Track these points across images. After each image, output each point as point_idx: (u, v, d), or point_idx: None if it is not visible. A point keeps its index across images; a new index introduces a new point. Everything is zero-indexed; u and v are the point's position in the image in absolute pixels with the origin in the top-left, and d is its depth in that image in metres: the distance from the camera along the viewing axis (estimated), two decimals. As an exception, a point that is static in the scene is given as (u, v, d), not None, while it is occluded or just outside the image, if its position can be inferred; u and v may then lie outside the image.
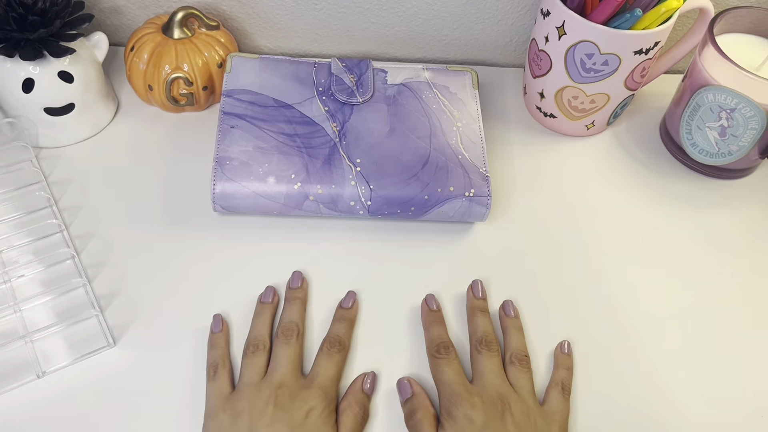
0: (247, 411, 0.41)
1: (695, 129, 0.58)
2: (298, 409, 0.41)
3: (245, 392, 0.43)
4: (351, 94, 0.56)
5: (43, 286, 0.49)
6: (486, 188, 0.52)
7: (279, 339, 0.46)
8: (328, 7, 0.65)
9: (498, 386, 0.44)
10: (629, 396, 0.47)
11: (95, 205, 0.54)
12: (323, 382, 0.44)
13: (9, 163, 0.55)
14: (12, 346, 0.45)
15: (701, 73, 0.56)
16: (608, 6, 0.52)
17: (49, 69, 0.53)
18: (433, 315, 0.49)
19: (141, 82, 0.59)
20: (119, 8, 0.65)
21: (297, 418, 0.41)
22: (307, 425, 0.41)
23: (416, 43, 0.69)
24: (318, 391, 0.43)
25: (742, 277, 0.54)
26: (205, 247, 0.52)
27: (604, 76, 0.56)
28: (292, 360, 0.45)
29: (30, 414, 0.43)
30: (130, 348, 0.46)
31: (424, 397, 0.44)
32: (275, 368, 0.44)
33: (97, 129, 0.59)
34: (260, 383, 0.43)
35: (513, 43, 0.69)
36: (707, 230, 0.57)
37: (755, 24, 0.59)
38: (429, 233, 0.55)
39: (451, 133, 0.55)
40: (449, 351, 0.46)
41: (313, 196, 0.51)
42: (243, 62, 0.58)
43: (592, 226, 0.57)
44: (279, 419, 0.41)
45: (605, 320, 0.50)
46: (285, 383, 0.43)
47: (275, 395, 0.42)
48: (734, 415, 0.46)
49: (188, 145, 0.59)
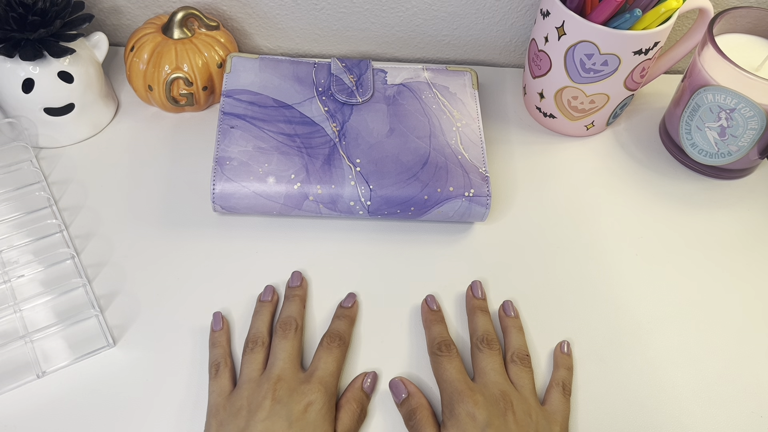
0: (246, 406, 0.41)
1: (695, 129, 0.58)
2: (297, 402, 0.41)
3: (245, 389, 0.43)
4: (351, 95, 0.57)
5: (43, 286, 0.49)
6: (485, 188, 0.52)
7: (277, 334, 0.46)
8: (328, 7, 0.65)
9: (500, 384, 0.44)
10: (629, 396, 0.47)
11: (95, 205, 0.54)
12: (323, 376, 0.44)
13: (9, 163, 0.56)
14: (12, 346, 0.45)
15: (701, 74, 0.56)
16: (608, 6, 0.52)
17: (49, 69, 0.53)
18: (434, 314, 0.49)
19: (141, 82, 0.59)
20: (119, 8, 0.65)
21: (295, 412, 0.41)
22: (306, 419, 0.41)
23: (416, 43, 0.69)
24: (317, 386, 0.43)
25: (741, 276, 0.54)
26: (205, 247, 0.52)
27: (604, 77, 0.56)
28: (290, 354, 0.44)
29: (30, 414, 0.43)
30: (130, 348, 0.46)
31: (421, 396, 0.44)
32: (274, 362, 0.44)
33: (97, 129, 0.59)
34: (259, 378, 0.43)
35: (513, 43, 0.69)
36: (707, 230, 0.57)
37: (755, 24, 0.59)
38: (429, 233, 0.55)
39: (451, 133, 0.55)
40: (450, 348, 0.46)
41: (313, 196, 0.51)
42: (243, 62, 0.58)
43: (591, 226, 0.57)
44: (277, 413, 0.41)
45: (605, 320, 0.51)
46: (283, 377, 0.43)
47: (273, 389, 0.42)
48: (734, 415, 0.46)
49: (188, 145, 0.59)
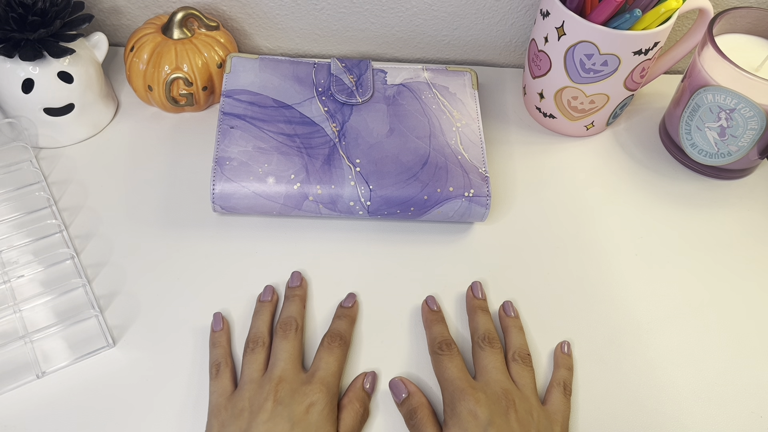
0: (248, 408, 0.41)
1: (695, 129, 0.58)
2: (299, 403, 0.41)
3: (246, 390, 0.43)
4: (350, 95, 0.56)
5: (43, 286, 0.49)
6: (485, 188, 0.52)
7: (278, 334, 0.46)
8: (328, 8, 0.65)
9: (502, 382, 0.43)
10: (629, 396, 0.47)
11: (95, 205, 0.54)
12: (324, 376, 0.43)
13: (9, 163, 0.56)
14: (12, 346, 0.45)
15: (701, 74, 0.56)
16: (608, 6, 0.52)
17: (49, 69, 0.53)
18: (434, 314, 0.49)
19: (141, 82, 0.59)
20: (119, 8, 0.65)
21: (297, 413, 0.41)
22: (308, 420, 0.41)
23: (416, 43, 0.69)
24: (319, 386, 0.43)
25: (741, 276, 0.54)
26: (205, 247, 0.52)
27: (604, 77, 0.56)
28: (291, 354, 0.44)
29: (30, 414, 0.43)
30: (130, 348, 0.46)
31: (421, 395, 0.44)
32: (275, 363, 0.44)
33: (97, 129, 0.59)
34: (261, 379, 0.43)
35: (513, 44, 0.69)
36: (706, 230, 0.57)
37: (755, 24, 0.59)
38: (429, 233, 0.55)
39: (451, 134, 0.55)
40: (451, 347, 0.46)
41: (313, 197, 0.51)
42: (243, 62, 0.58)
43: (591, 226, 0.57)
44: (279, 414, 0.41)
45: (605, 320, 0.51)
46: (285, 378, 0.43)
47: (275, 390, 0.42)
48: (734, 415, 0.46)
49: (188, 145, 0.59)
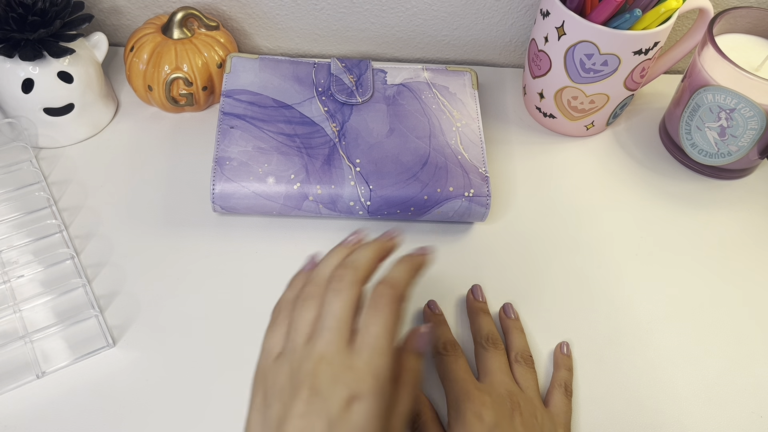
0: (288, 387, 0.33)
1: (695, 129, 0.58)
2: (338, 394, 0.32)
3: (287, 359, 0.34)
4: (350, 95, 0.56)
5: (43, 286, 0.49)
6: (485, 188, 0.52)
7: (331, 283, 0.36)
8: (328, 7, 0.65)
9: (507, 384, 0.43)
10: (629, 396, 0.47)
11: (95, 205, 0.54)
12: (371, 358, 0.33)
13: (9, 163, 0.55)
14: (12, 346, 0.45)
15: (701, 74, 0.56)
16: (608, 6, 0.52)
17: (49, 69, 0.53)
18: (436, 317, 0.48)
19: (141, 82, 0.59)
20: (119, 8, 0.65)
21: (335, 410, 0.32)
22: (349, 422, 0.32)
23: (416, 43, 0.69)
24: (366, 377, 0.33)
25: (741, 277, 0.54)
26: (205, 247, 0.52)
27: (604, 77, 0.56)
28: (339, 319, 0.34)
29: (30, 414, 0.43)
30: (130, 348, 0.46)
31: (424, 397, 0.44)
32: (320, 331, 0.34)
33: (97, 129, 0.59)
34: (303, 349, 0.34)
35: (513, 44, 0.69)
36: (707, 230, 0.57)
37: (755, 24, 0.59)
38: (429, 233, 0.55)
39: (451, 134, 0.55)
40: (456, 348, 0.45)
41: (313, 197, 0.51)
42: (242, 62, 0.58)
43: (591, 226, 0.57)
44: (315, 411, 0.32)
45: (605, 320, 0.50)
46: (326, 356, 0.33)
47: (314, 373, 0.33)
48: (734, 415, 0.46)
49: (188, 145, 0.59)
